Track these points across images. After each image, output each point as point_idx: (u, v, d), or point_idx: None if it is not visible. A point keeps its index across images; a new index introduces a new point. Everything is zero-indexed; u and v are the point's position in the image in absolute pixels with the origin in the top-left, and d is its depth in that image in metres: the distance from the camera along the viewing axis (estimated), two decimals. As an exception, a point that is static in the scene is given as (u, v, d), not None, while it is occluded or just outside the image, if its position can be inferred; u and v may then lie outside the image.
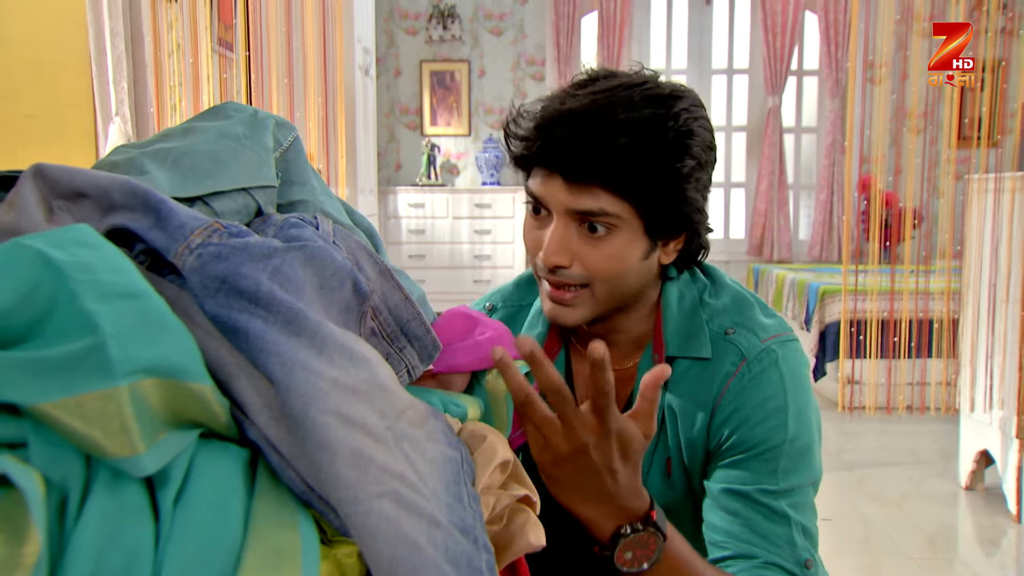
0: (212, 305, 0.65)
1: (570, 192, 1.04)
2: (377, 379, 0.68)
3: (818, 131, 6.84)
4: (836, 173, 6.57)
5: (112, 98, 2.80)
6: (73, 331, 0.55)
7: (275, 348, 0.64)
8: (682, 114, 1.04)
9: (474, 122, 6.82)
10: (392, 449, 0.65)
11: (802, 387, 1.12)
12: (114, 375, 0.53)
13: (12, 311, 0.55)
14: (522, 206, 6.38)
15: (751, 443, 1.09)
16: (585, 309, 1.11)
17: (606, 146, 1.01)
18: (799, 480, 1.09)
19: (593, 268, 1.07)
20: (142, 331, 0.56)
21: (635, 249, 1.08)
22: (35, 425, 0.55)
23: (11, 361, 0.54)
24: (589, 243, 1.07)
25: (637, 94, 1.04)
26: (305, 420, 0.62)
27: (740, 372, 1.11)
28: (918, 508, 3.24)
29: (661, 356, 1.16)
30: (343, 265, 0.73)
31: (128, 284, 0.58)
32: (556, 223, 1.07)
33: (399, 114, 6.83)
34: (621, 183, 1.02)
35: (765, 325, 1.15)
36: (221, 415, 0.62)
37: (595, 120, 1.01)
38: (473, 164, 6.79)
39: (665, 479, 1.17)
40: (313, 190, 0.89)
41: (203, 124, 0.85)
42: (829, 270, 5.87)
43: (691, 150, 1.05)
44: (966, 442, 3.39)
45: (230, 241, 0.67)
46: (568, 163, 1.03)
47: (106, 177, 0.67)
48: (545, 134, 1.04)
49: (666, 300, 1.18)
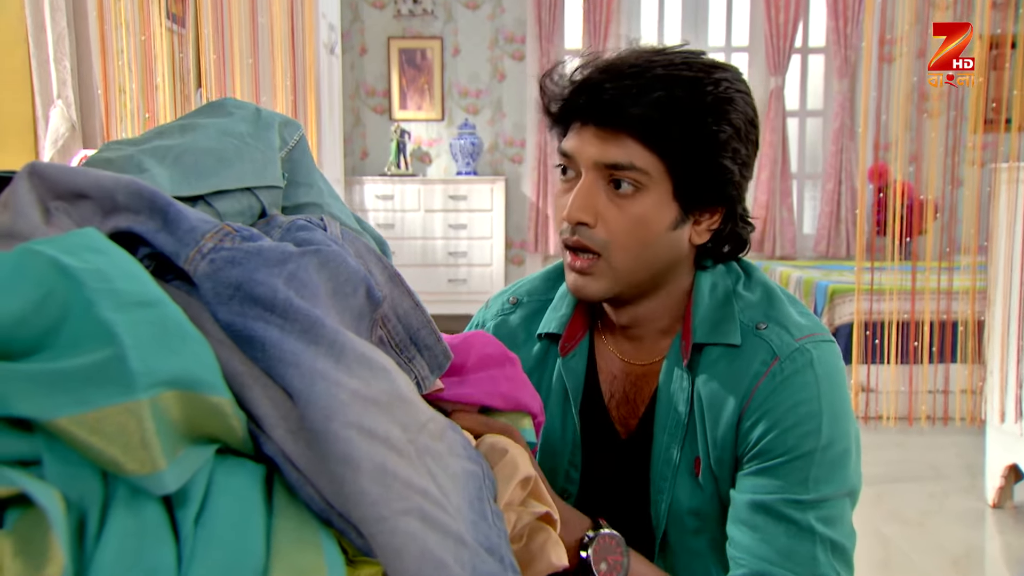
0: (226, 313, 0.68)
1: (601, 142, 1.11)
2: (398, 390, 0.71)
3: (824, 114, 6.93)
4: (845, 161, 6.65)
5: (53, 79, 2.81)
6: (89, 342, 0.58)
7: (293, 358, 0.67)
8: (722, 81, 1.12)
9: (448, 105, 6.84)
10: (415, 464, 0.69)
11: (838, 392, 1.16)
12: (135, 388, 0.56)
13: (24, 321, 0.58)
14: (500, 199, 6.43)
15: (781, 449, 1.13)
16: (604, 280, 1.17)
17: (640, 95, 1.08)
18: (832, 490, 1.12)
19: (615, 230, 1.13)
20: (161, 341, 0.59)
21: (663, 214, 1.14)
22: (49, 441, 0.58)
23: (24, 373, 0.57)
24: (615, 202, 1.13)
25: (678, 57, 1.12)
26: (326, 434, 0.65)
27: (771, 372, 1.15)
28: (941, 527, 3.30)
29: (688, 343, 1.21)
30: (357, 270, 0.76)
31: (145, 292, 0.61)
32: (583, 179, 1.14)
33: (365, 96, 6.85)
34: (652, 133, 1.09)
35: (799, 323, 1.19)
36: (238, 429, 0.65)
37: (632, 71, 1.10)
38: (447, 152, 6.82)
39: (693, 479, 1.22)
40: (320, 192, 0.92)
41: (202, 121, 0.87)
42: (838, 267, 5.95)
43: (729, 116, 1.12)
44: (993, 455, 3.45)
45: (243, 245, 0.70)
46: (601, 109, 1.10)
47: (109, 177, 0.70)
48: (581, 82, 1.12)
49: (698, 288, 1.24)
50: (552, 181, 6.65)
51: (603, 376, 1.31)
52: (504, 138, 6.85)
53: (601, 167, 1.12)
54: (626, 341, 1.29)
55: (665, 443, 1.23)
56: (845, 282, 4.94)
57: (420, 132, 6.87)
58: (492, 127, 6.84)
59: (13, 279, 0.58)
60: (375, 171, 6.79)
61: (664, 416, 1.23)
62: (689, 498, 1.22)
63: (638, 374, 1.28)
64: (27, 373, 0.57)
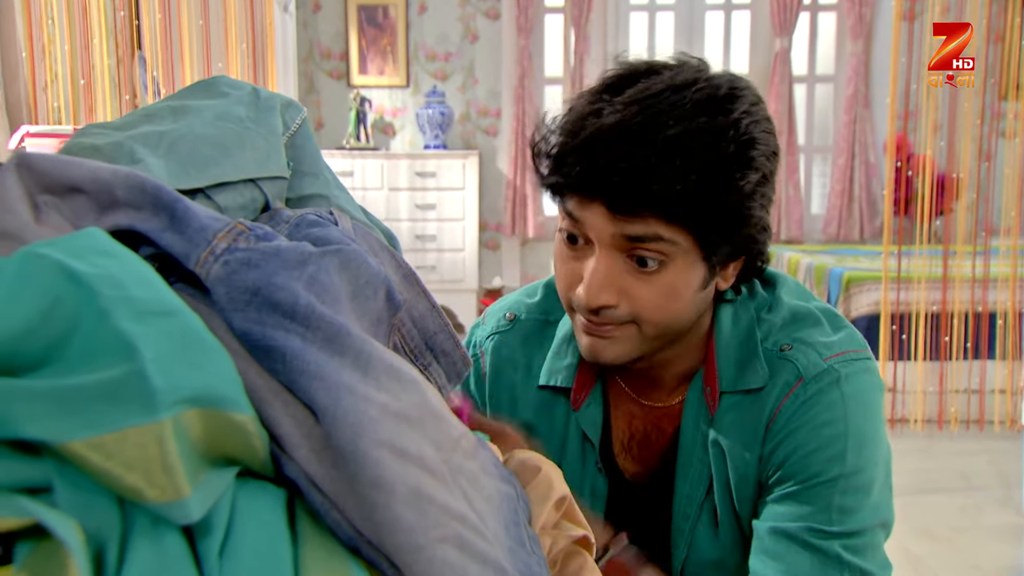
0: (241, 320, 0.69)
1: (618, 219, 1.08)
2: (429, 404, 0.73)
3: (836, 80, 6.99)
4: (858, 132, 6.71)
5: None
6: (104, 355, 0.59)
7: (317, 370, 0.68)
8: (743, 119, 1.08)
9: (413, 70, 6.84)
10: (450, 485, 0.70)
11: (868, 414, 1.18)
12: (157, 407, 0.58)
13: (30, 332, 0.59)
14: (473, 176, 6.43)
15: (804, 474, 1.16)
16: (628, 346, 1.17)
17: (658, 169, 1.04)
18: (858, 523, 1.15)
19: (643, 306, 1.12)
20: (183, 354, 0.60)
21: (692, 279, 1.13)
22: (60, 466, 0.59)
23: (33, 391, 0.58)
24: (639, 278, 1.11)
25: (687, 98, 1.06)
26: (356, 454, 0.66)
27: (795, 392, 1.18)
28: (974, 544, 3.35)
29: (714, 390, 1.23)
30: (378, 272, 0.77)
31: (162, 300, 0.62)
32: (599, 256, 1.11)
33: (319, 59, 6.83)
34: (677, 211, 1.06)
35: (829, 343, 1.21)
36: (260, 449, 0.66)
37: (642, 137, 1.04)
38: (413, 123, 6.82)
39: (714, 530, 1.25)
40: (327, 183, 0.94)
41: (195, 103, 0.88)
42: (852, 252, 6.00)
43: (755, 162, 1.09)
44: (1031, 464, 3.50)
45: (259, 246, 0.71)
46: (614, 191, 1.06)
47: (107, 169, 0.71)
48: (583, 157, 1.07)
49: (719, 326, 1.24)
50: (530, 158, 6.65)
51: (619, 417, 1.33)
52: (477, 107, 6.86)
53: (621, 240, 1.09)
54: (642, 382, 1.31)
55: (685, 495, 1.26)
56: (861, 269, 5.00)
57: (382, 100, 6.86)
58: (463, 95, 6.84)
59: (17, 287, 0.59)
60: (331, 144, 6.77)
61: (685, 467, 1.26)
62: (710, 549, 1.25)
63: (658, 415, 1.31)
64: (36, 391, 0.58)
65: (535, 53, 6.81)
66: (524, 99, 6.65)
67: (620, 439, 1.33)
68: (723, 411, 1.22)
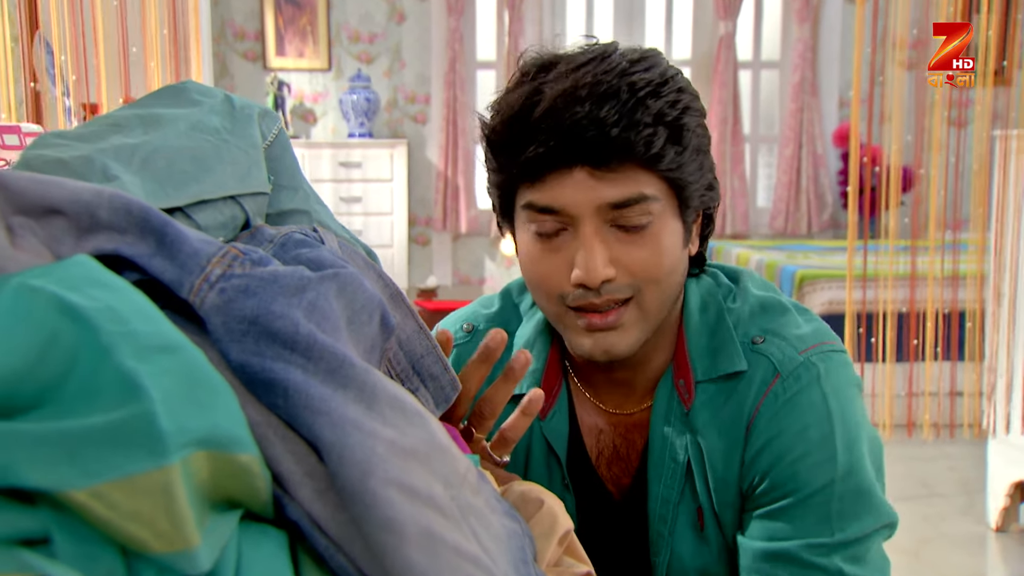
0: (239, 352, 0.69)
1: (598, 183, 1.12)
2: (435, 438, 0.73)
3: (782, 66, 7.08)
4: (805, 121, 6.82)
5: None
6: (106, 395, 0.58)
7: (322, 405, 0.68)
8: (668, 71, 1.17)
9: (335, 52, 6.80)
10: (460, 525, 0.71)
11: (851, 409, 1.21)
12: (167, 451, 0.57)
13: (26, 372, 0.58)
14: (402, 167, 6.42)
15: (793, 485, 1.17)
16: (635, 329, 1.19)
17: (626, 118, 1.10)
18: (860, 528, 1.17)
19: (641, 270, 1.16)
20: (188, 393, 0.60)
21: (676, 237, 1.19)
22: (59, 515, 0.58)
23: (32, 436, 0.57)
24: (629, 243, 1.15)
25: (616, 60, 1.15)
26: (364, 494, 0.67)
27: (773, 391, 1.20)
28: (939, 555, 3.42)
29: (688, 381, 1.24)
30: (373, 296, 0.78)
31: (164, 334, 0.62)
32: (587, 230, 1.15)
33: (232, 39, 6.76)
34: (655, 156, 1.12)
35: (801, 334, 1.24)
36: (263, 491, 0.66)
37: (600, 93, 1.11)
38: (336, 109, 6.78)
39: (697, 535, 1.25)
40: (307, 197, 0.94)
41: (165, 112, 0.88)
42: (801, 247, 6.09)
43: (692, 105, 1.18)
44: (996, 471, 3.57)
45: (255, 271, 0.71)
46: (593, 147, 1.11)
47: (89, 190, 0.71)
48: (553, 122, 1.11)
49: (688, 312, 1.28)
50: (463, 148, 6.67)
51: (586, 431, 1.34)
52: (404, 93, 6.84)
53: (606, 208, 1.14)
54: (609, 389, 1.32)
55: (661, 497, 1.26)
56: (814, 266, 5.08)
57: (302, 85, 6.81)
58: (390, 80, 6.81)
59: (10, 323, 0.58)
60: (247, 132, 6.69)
61: (658, 467, 1.26)
62: (693, 556, 1.26)
63: (627, 425, 1.32)
64: (35, 436, 0.57)
65: (467, 35, 6.81)
66: (455, 84, 6.64)
67: (594, 453, 1.34)
68: (699, 407, 1.23)
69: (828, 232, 7.00)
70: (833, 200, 6.92)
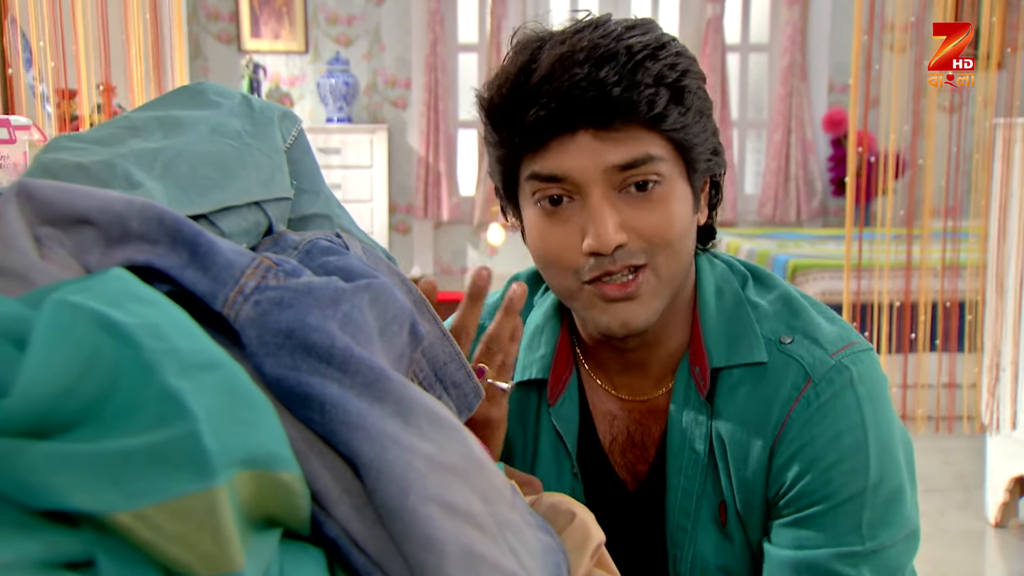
0: (273, 366, 0.69)
1: (603, 145, 1.14)
2: (472, 452, 0.74)
3: (771, 49, 7.09)
4: (795, 106, 6.83)
5: None
6: (148, 414, 0.58)
7: (360, 420, 0.69)
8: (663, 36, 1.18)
9: (313, 34, 6.77)
10: (499, 541, 0.72)
11: (884, 413, 1.21)
12: (213, 472, 0.58)
13: (69, 391, 0.58)
14: (382, 153, 6.40)
15: (824, 492, 1.18)
16: (654, 299, 1.19)
17: (626, 78, 1.12)
18: (890, 535, 1.18)
19: (654, 233, 1.16)
20: (232, 411, 0.61)
21: (685, 200, 1.19)
22: (103, 537, 0.58)
23: (77, 457, 0.57)
24: (639, 207, 1.16)
25: (613, 25, 1.17)
26: (403, 512, 0.67)
27: (805, 396, 1.20)
28: (937, 551, 3.43)
29: (704, 369, 1.24)
30: (404, 306, 0.78)
31: (206, 351, 0.62)
32: (595, 197, 1.15)
33: (205, 20, 6.72)
34: (658, 116, 1.13)
35: (830, 333, 1.24)
36: (303, 509, 0.67)
37: (599, 55, 1.12)
38: (314, 93, 6.75)
39: (719, 530, 1.26)
40: (328, 201, 0.94)
41: (184, 115, 0.88)
42: (792, 236, 6.11)
43: (691, 68, 1.18)
44: (995, 466, 3.59)
45: (289, 283, 0.71)
46: (594, 108, 1.12)
47: (120, 200, 0.71)
48: (552, 86, 1.12)
49: (703, 296, 1.28)
50: (444, 133, 6.66)
51: (598, 417, 1.34)
52: (385, 77, 6.82)
53: (613, 172, 1.14)
54: (622, 373, 1.32)
55: (682, 488, 1.26)
56: (806, 255, 5.10)
57: (278, 68, 6.78)
58: (369, 63, 6.79)
59: (52, 341, 0.59)
60: (221, 116, 6.66)
61: (678, 458, 1.26)
62: (716, 553, 1.26)
63: (642, 411, 1.32)
64: (79, 457, 0.57)
65: (448, 17, 6.79)
66: (436, 68, 6.63)
67: (607, 440, 1.33)
68: (723, 396, 1.24)
69: (817, 220, 7.02)
70: (823, 187, 6.94)
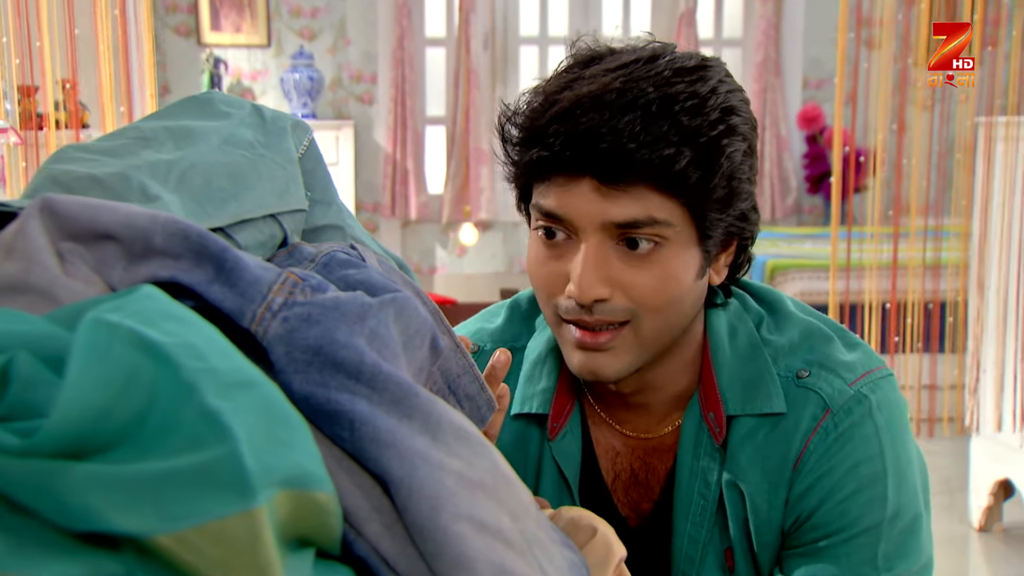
0: (302, 383, 0.70)
1: (605, 199, 1.11)
2: (500, 468, 0.75)
3: (744, 44, 7.14)
4: (769, 102, 6.87)
5: None
6: (187, 434, 0.59)
7: (390, 438, 0.70)
8: (720, 87, 1.14)
9: (275, 27, 6.75)
10: (528, 558, 0.73)
11: (903, 442, 1.22)
12: (254, 493, 0.59)
13: (107, 411, 0.59)
14: (348, 150, 6.40)
15: (841, 523, 1.18)
16: (629, 355, 1.17)
17: (644, 134, 1.08)
18: (906, 567, 1.19)
19: (641, 295, 1.14)
20: (269, 431, 0.62)
21: (689, 266, 1.16)
22: (144, 560, 0.59)
23: (117, 479, 0.58)
24: (632, 265, 1.14)
25: (662, 66, 1.12)
26: (435, 531, 0.69)
27: (823, 427, 1.20)
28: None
29: (719, 415, 1.23)
30: (425, 319, 0.80)
31: (242, 370, 0.63)
32: (588, 245, 1.13)
33: (164, 13, 6.69)
34: (673, 178, 1.10)
35: (849, 363, 1.23)
36: (336, 528, 0.68)
37: (623, 104, 1.09)
38: (277, 88, 6.73)
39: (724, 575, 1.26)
40: (340, 212, 0.95)
41: (195, 125, 0.88)
42: (768, 235, 6.13)
43: (738, 129, 1.15)
44: (979, 468, 3.63)
45: (316, 298, 0.72)
46: (603, 159, 1.09)
47: (144, 215, 0.71)
48: (565, 127, 1.10)
49: (714, 338, 1.26)
50: (412, 129, 6.65)
51: (601, 452, 1.33)
52: (350, 72, 6.81)
53: (611, 227, 1.12)
54: (626, 410, 1.31)
55: (688, 536, 1.26)
56: (784, 255, 5.13)
57: (240, 62, 6.75)
58: (334, 57, 6.78)
59: (90, 361, 0.59)
60: (181, 112, 6.62)
61: (686, 504, 1.26)
62: None
63: (647, 448, 1.31)
64: (119, 478, 0.58)
65: (415, 10, 6.78)
66: (404, 63, 6.62)
67: (609, 476, 1.32)
68: (737, 443, 1.22)
69: (792, 218, 7.07)
70: (797, 184, 6.99)
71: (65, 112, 3.29)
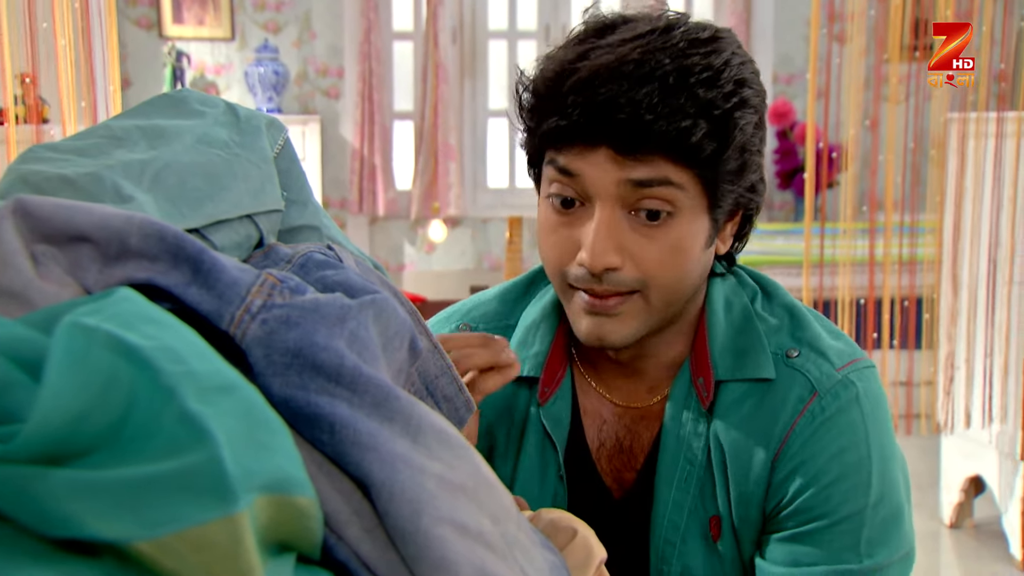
0: (282, 386, 0.71)
1: (620, 168, 1.14)
2: (480, 471, 0.76)
3: (716, 38, 7.16)
4: (741, 97, 6.89)
5: None
6: (166, 439, 0.60)
7: (370, 441, 0.70)
8: (733, 59, 1.16)
9: (239, 20, 6.72)
10: (509, 561, 0.74)
11: (886, 431, 1.24)
12: (235, 498, 0.59)
13: (85, 416, 0.59)
14: (314, 145, 6.38)
15: (824, 509, 1.20)
16: (636, 321, 1.20)
17: (662, 106, 1.11)
18: (888, 555, 1.21)
19: (651, 266, 1.16)
20: (250, 436, 0.62)
21: (698, 235, 1.19)
22: (124, 567, 0.59)
23: (97, 485, 0.58)
24: (644, 234, 1.16)
25: (677, 37, 1.15)
26: (416, 533, 0.69)
27: (810, 410, 1.22)
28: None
29: (708, 380, 1.26)
30: (404, 321, 0.80)
31: (221, 373, 0.63)
32: (602, 212, 1.16)
33: (125, 5, 6.65)
34: (688, 150, 1.13)
35: (837, 347, 1.26)
36: (317, 532, 0.68)
37: (641, 75, 1.11)
38: (241, 82, 6.70)
39: (709, 545, 1.27)
40: (316, 212, 0.95)
41: (168, 124, 0.88)
42: (741, 231, 6.17)
43: (750, 102, 1.18)
44: (950, 465, 3.69)
45: (295, 300, 0.73)
46: (621, 130, 1.12)
47: (119, 216, 0.71)
48: (583, 96, 1.12)
49: (711, 307, 1.29)
50: (379, 124, 6.64)
51: (588, 421, 1.35)
52: (316, 65, 6.78)
53: (627, 186, 1.14)
54: (618, 378, 1.33)
55: (672, 501, 1.27)
56: (753, 251, 5.15)
57: (203, 55, 6.72)
58: (299, 51, 6.75)
59: (68, 365, 0.59)
60: (143, 107, 6.59)
61: (670, 468, 1.27)
62: (704, 568, 1.27)
63: (634, 417, 1.33)
64: (98, 484, 0.58)
65: (381, 3, 6.75)
66: (370, 56, 6.60)
67: (595, 444, 1.34)
68: (726, 406, 1.25)
69: (763, 214, 7.08)
70: (768, 180, 7.00)
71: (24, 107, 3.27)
